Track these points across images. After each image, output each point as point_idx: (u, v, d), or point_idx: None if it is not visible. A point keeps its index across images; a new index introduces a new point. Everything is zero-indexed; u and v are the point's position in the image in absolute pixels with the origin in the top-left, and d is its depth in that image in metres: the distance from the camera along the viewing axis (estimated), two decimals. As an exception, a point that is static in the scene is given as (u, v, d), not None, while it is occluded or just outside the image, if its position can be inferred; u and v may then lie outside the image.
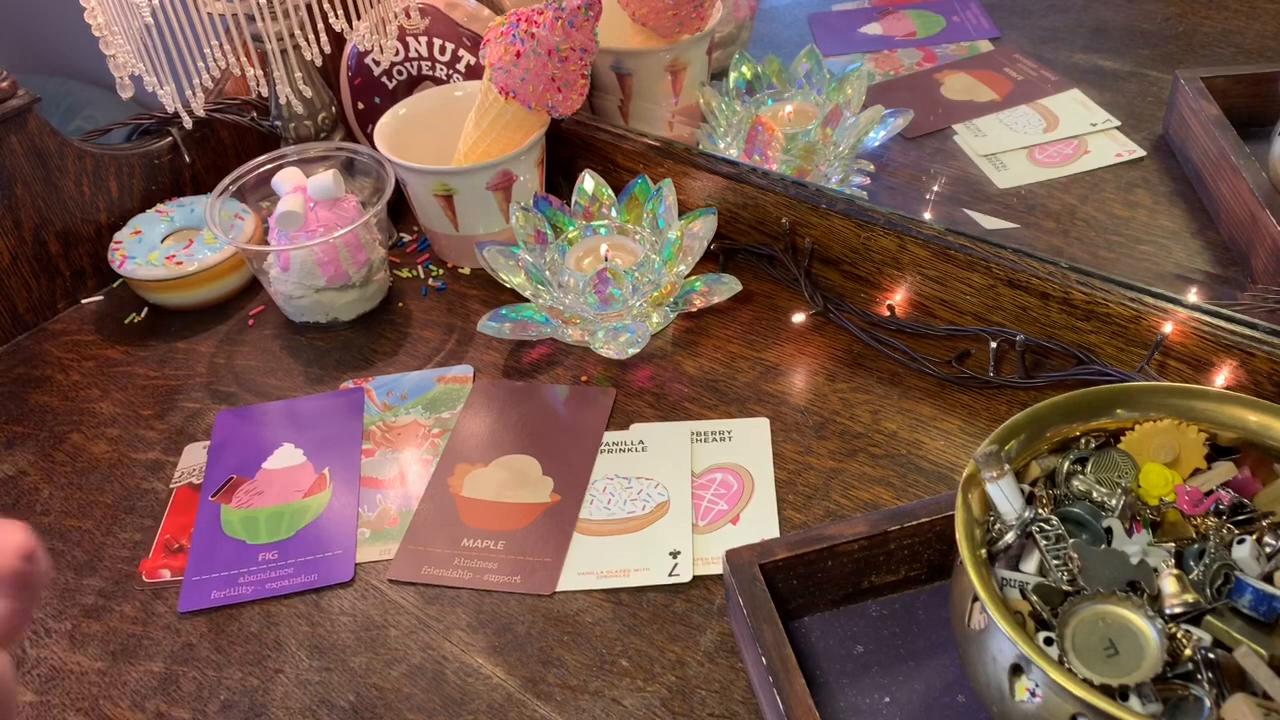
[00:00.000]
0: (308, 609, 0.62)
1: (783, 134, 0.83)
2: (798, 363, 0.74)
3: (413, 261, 0.88)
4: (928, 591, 0.58)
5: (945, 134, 0.90)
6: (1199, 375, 0.65)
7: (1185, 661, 0.43)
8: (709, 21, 0.90)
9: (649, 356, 0.76)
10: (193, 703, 0.58)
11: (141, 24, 0.73)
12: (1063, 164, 0.85)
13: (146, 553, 0.67)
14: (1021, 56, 0.97)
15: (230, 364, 0.80)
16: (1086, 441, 0.52)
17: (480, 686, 0.57)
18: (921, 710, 0.53)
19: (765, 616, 0.52)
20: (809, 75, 0.89)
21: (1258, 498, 0.49)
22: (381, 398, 0.75)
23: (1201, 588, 0.45)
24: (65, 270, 0.86)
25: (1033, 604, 0.45)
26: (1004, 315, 0.71)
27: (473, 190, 0.80)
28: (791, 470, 0.67)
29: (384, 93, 0.91)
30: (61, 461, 0.74)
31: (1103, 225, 0.79)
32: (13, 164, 0.81)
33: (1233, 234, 0.75)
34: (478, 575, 0.63)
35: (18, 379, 0.81)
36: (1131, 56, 0.93)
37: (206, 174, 0.93)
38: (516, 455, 0.70)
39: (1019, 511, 0.48)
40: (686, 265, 0.76)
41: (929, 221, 0.74)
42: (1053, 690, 0.42)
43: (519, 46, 0.76)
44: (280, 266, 0.79)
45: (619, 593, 0.61)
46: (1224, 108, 0.78)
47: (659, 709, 0.55)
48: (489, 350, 0.78)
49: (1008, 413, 0.68)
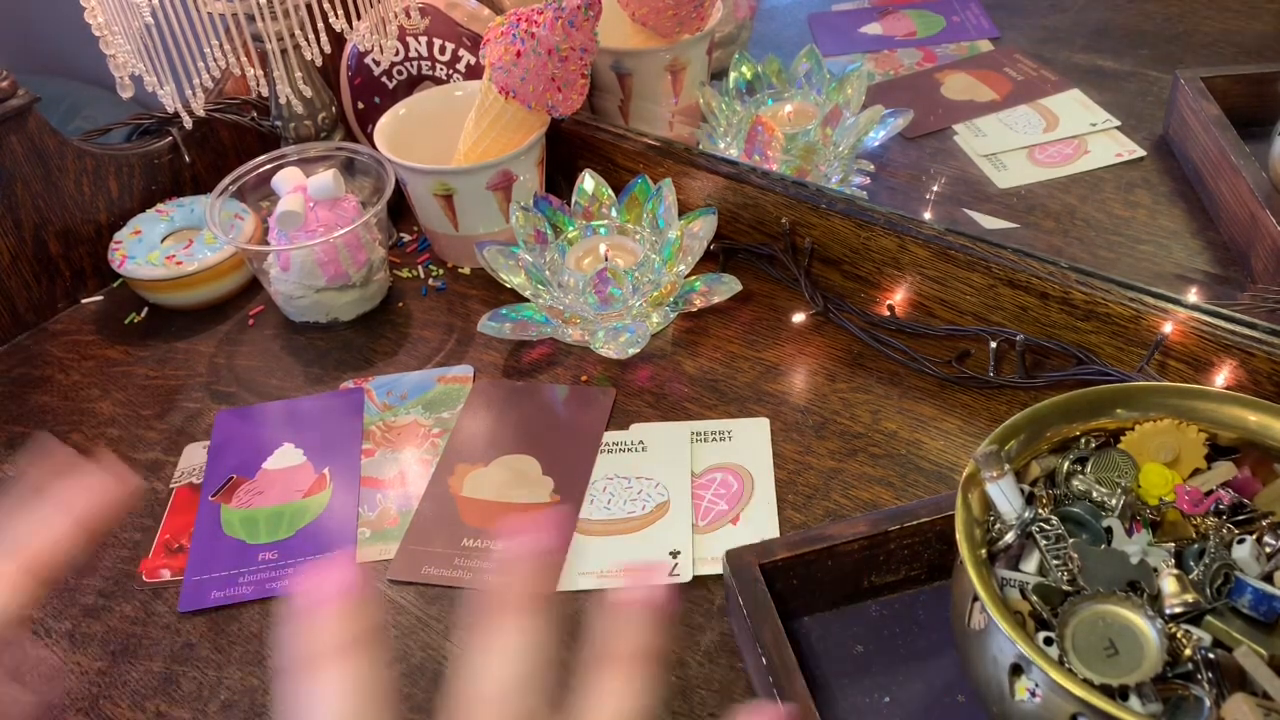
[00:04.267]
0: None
1: (783, 134, 0.83)
2: (798, 363, 0.74)
3: (413, 261, 0.88)
4: (928, 591, 0.58)
5: (945, 134, 0.90)
6: (1199, 375, 0.65)
7: (1185, 661, 0.43)
8: (709, 21, 0.90)
9: (649, 356, 0.76)
10: (193, 703, 0.58)
11: (141, 24, 0.73)
12: (1063, 164, 0.85)
13: (146, 553, 0.67)
14: (1021, 56, 0.97)
15: (230, 364, 0.80)
16: (1086, 441, 0.52)
17: (480, 686, 0.57)
18: (921, 710, 0.53)
19: (765, 616, 0.52)
20: (809, 75, 0.89)
21: (1258, 498, 0.49)
22: (381, 398, 0.75)
23: (1201, 588, 0.45)
24: (65, 270, 0.86)
25: (1033, 604, 0.45)
26: (1004, 315, 0.71)
27: (473, 190, 0.80)
28: (791, 470, 0.67)
29: (384, 93, 0.91)
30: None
31: (1103, 225, 0.79)
32: (13, 164, 0.81)
33: (1233, 234, 0.75)
34: (478, 575, 0.63)
35: (18, 379, 0.81)
36: (1131, 56, 0.93)
37: (206, 174, 0.93)
38: (516, 455, 0.70)
39: (1019, 511, 0.48)
40: (686, 265, 0.76)
41: (929, 221, 0.74)
42: (1053, 690, 0.42)
43: (519, 46, 0.76)
44: (280, 266, 0.79)
45: (619, 593, 0.61)
46: (1224, 108, 0.78)
47: (659, 709, 0.55)
48: (489, 350, 0.78)
49: (1008, 413, 0.68)
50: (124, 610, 0.64)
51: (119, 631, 0.63)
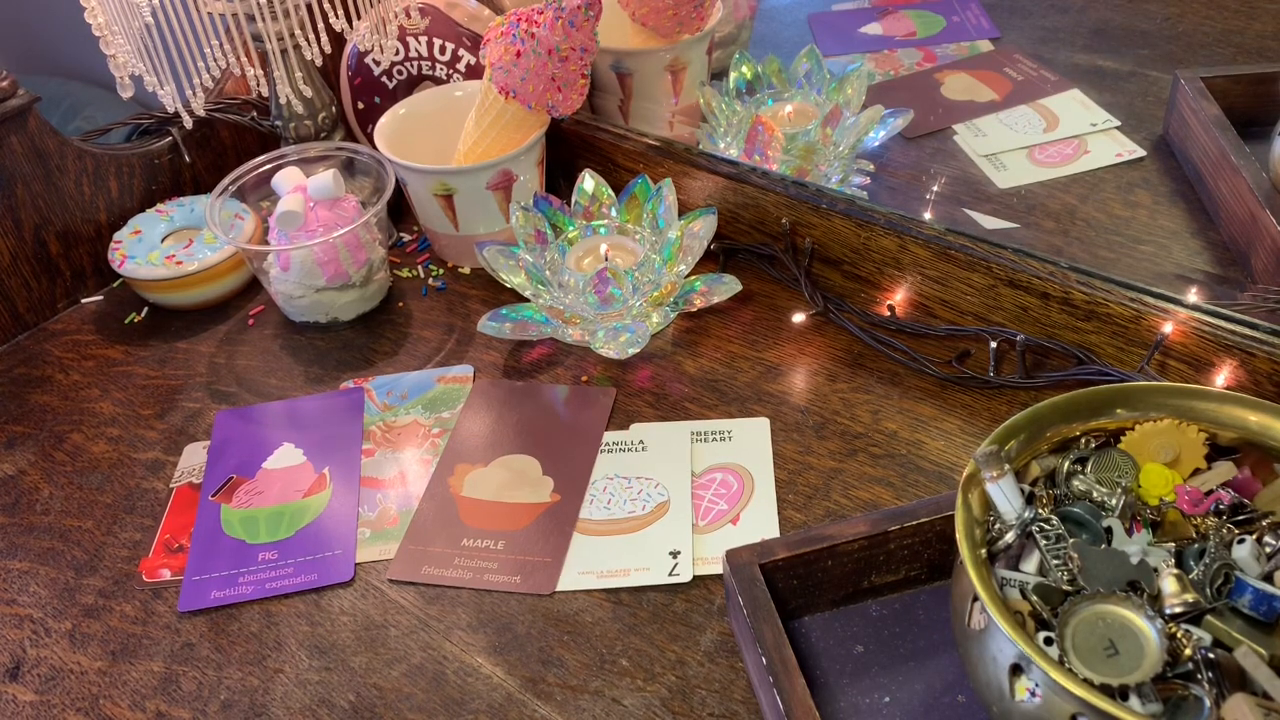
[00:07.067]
0: (308, 608, 0.62)
1: (783, 134, 0.83)
2: (798, 363, 0.74)
3: (413, 261, 0.88)
4: (928, 591, 0.58)
5: (945, 134, 0.90)
6: (1199, 375, 0.65)
7: (1185, 661, 0.43)
8: (709, 21, 0.90)
9: (649, 356, 0.76)
10: (193, 703, 0.58)
11: (141, 24, 0.73)
12: (1063, 164, 0.85)
13: (147, 552, 0.67)
14: (1021, 56, 0.97)
15: (230, 364, 0.80)
16: (1086, 441, 0.52)
17: (480, 686, 0.57)
18: (921, 710, 0.53)
19: (765, 616, 0.52)
20: (809, 75, 0.89)
21: (1258, 498, 0.49)
22: (381, 398, 0.75)
23: (1201, 588, 0.45)
24: (65, 270, 0.86)
25: (1033, 604, 0.45)
26: (1004, 315, 0.71)
27: (473, 190, 0.80)
28: (791, 470, 0.67)
29: (384, 93, 0.91)
30: (61, 461, 0.74)
31: (1103, 225, 0.79)
32: (13, 164, 0.81)
33: (1233, 234, 0.75)
34: (478, 575, 0.63)
35: (18, 379, 0.81)
36: (1131, 56, 0.93)
37: (206, 174, 0.93)
38: (516, 455, 0.70)
39: (1019, 511, 0.48)
40: (686, 265, 0.76)
41: (929, 221, 0.74)
42: (1053, 690, 0.42)
43: (519, 46, 0.76)
44: (280, 266, 0.79)
45: (619, 592, 0.61)
46: (1224, 108, 0.78)
47: (659, 709, 0.55)
48: (489, 350, 0.78)
49: (1008, 413, 0.68)
50: (124, 610, 0.64)
51: (119, 631, 0.63)
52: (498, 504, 0.67)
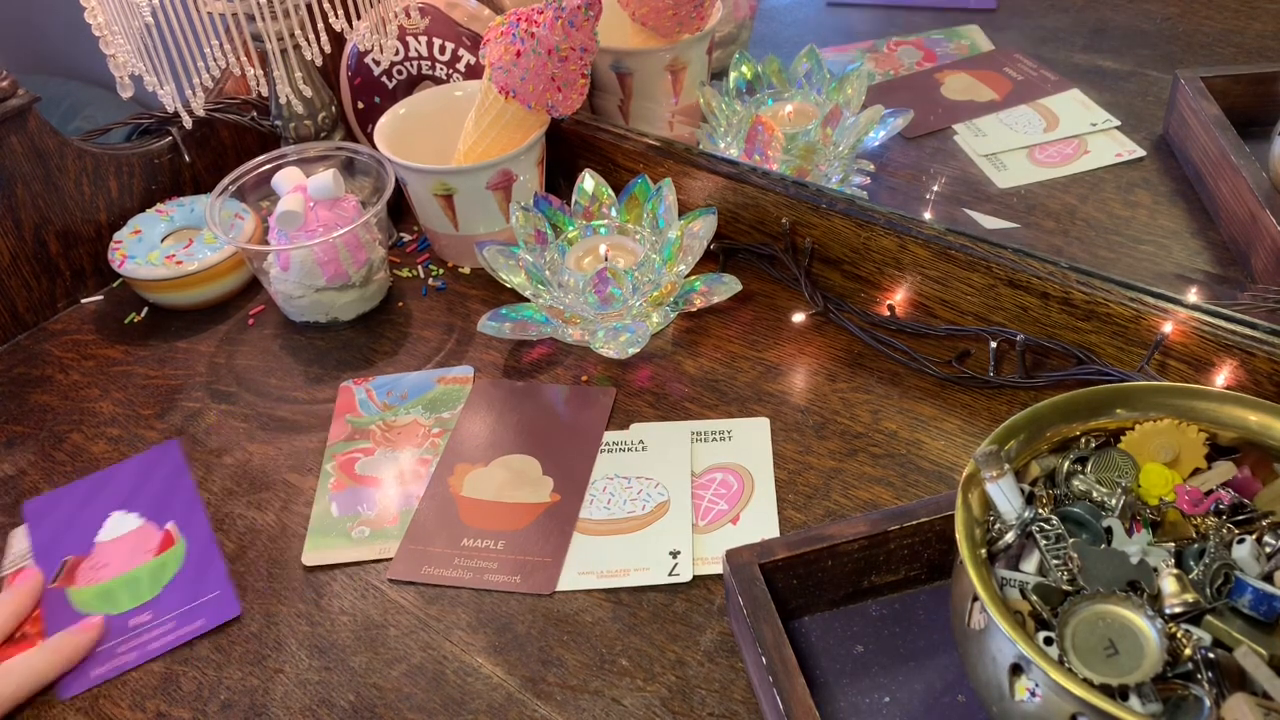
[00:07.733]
0: (307, 608, 0.62)
1: (783, 134, 0.83)
2: (798, 363, 0.74)
3: (413, 261, 0.88)
4: (928, 591, 0.58)
5: (945, 134, 0.90)
6: (1199, 375, 0.65)
7: (1185, 661, 0.43)
8: (709, 21, 0.90)
9: (649, 356, 0.76)
10: (193, 703, 0.58)
11: (141, 24, 0.73)
12: (1063, 164, 0.85)
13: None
14: (1021, 56, 0.97)
15: (230, 364, 0.80)
16: (1086, 441, 0.52)
17: (480, 686, 0.57)
18: (921, 710, 0.53)
19: (765, 616, 0.52)
20: (809, 75, 0.89)
21: (1258, 498, 0.49)
22: (381, 397, 0.75)
23: (1201, 588, 0.45)
24: (65, 270, 0.86)
25: (1033, 604, 0.45)
26: (1004, 315, 0.71)
27: (473, 190, 0.80)
28: (791, 470, 0.67)
29: (384, 93, 0.91)
30: (61, 461, 0.74)
31: (1103, 225, 0.79)
32: (13, 164, 0.81)
33: (1233, 234, 0.75)
34: (478, 575, 0.63)
35: (18, 379, 0.81)
36: (1131, 56, 0.93)
37: (206, 174, 0.93)
38: (516, 455, 0.70)
39: (1019, 511, 0.48)
40: (686, 265, 0.76)
41: (929, 221, 0.74)
42: (1053, 690, 0.42)
43: (519, 46, 0.76)
44: (280, 266, 0.79)
45: (619, 592, 0.61)
46: (1224, 108, 0.78)
47: (659, 709, 0.55)
48: (489, 350, 0.78)
49: (1008, 413, 0.68)
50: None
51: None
52: (498, 504, 0.67)
